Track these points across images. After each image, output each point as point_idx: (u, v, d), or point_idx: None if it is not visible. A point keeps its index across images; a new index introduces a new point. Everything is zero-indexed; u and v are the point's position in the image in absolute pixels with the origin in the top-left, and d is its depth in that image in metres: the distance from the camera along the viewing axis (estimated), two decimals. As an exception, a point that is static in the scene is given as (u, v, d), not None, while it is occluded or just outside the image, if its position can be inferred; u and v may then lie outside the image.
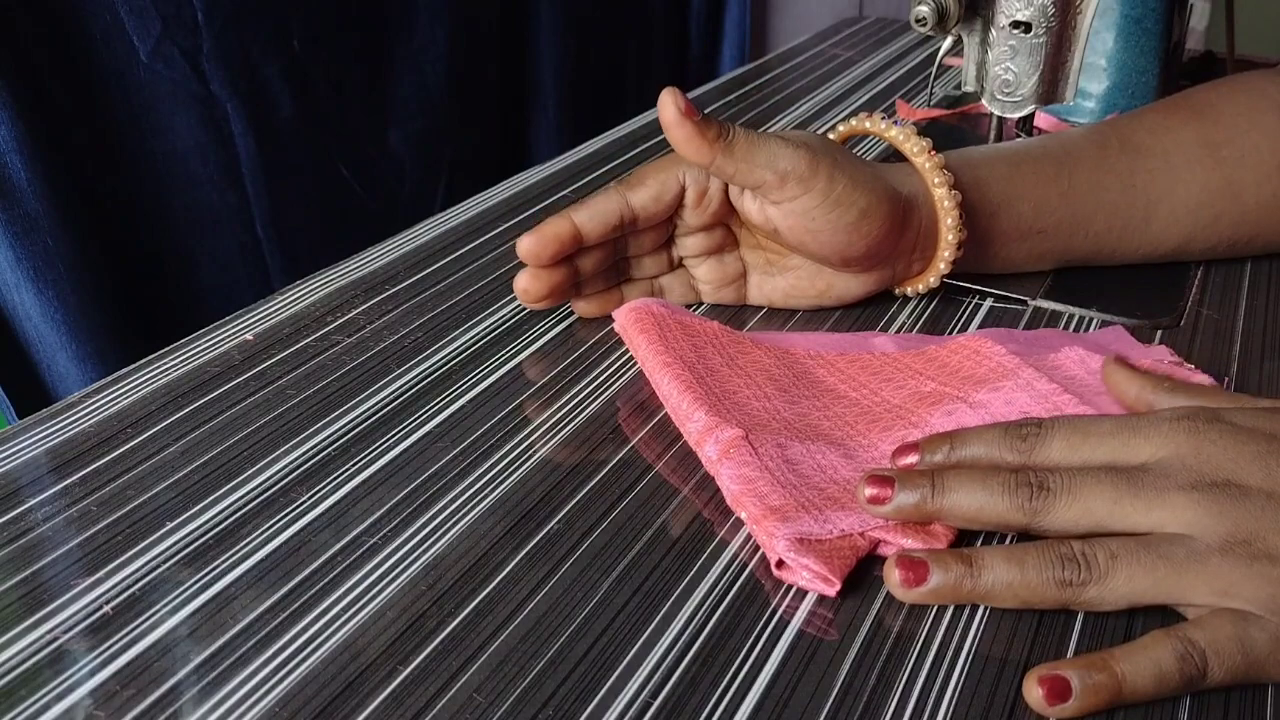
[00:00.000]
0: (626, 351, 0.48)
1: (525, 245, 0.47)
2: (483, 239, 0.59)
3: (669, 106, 0.44)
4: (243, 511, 0.38)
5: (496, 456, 0.41)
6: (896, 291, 0.51)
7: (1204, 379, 0.44)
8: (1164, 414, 0.35)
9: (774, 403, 0.42)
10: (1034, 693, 0.30)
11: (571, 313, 0.51)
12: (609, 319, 0.50)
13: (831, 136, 0.53)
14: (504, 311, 0.52)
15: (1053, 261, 0.52)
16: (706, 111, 0.45)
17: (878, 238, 0.46)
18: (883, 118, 0.49)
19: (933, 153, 0.48)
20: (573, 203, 0.48)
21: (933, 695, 0.31)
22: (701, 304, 0.52)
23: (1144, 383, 0.40)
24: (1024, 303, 0.52)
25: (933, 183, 0.47)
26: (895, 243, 0.48)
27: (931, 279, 0.50)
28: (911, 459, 0.37)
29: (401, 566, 0.35)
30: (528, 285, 0.48)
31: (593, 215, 0.47)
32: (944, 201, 0.47)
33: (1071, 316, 0.51)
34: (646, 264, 0.51)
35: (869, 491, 0.35)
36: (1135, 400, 0.40)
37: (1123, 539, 0.33)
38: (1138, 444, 0.34)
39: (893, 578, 0.34)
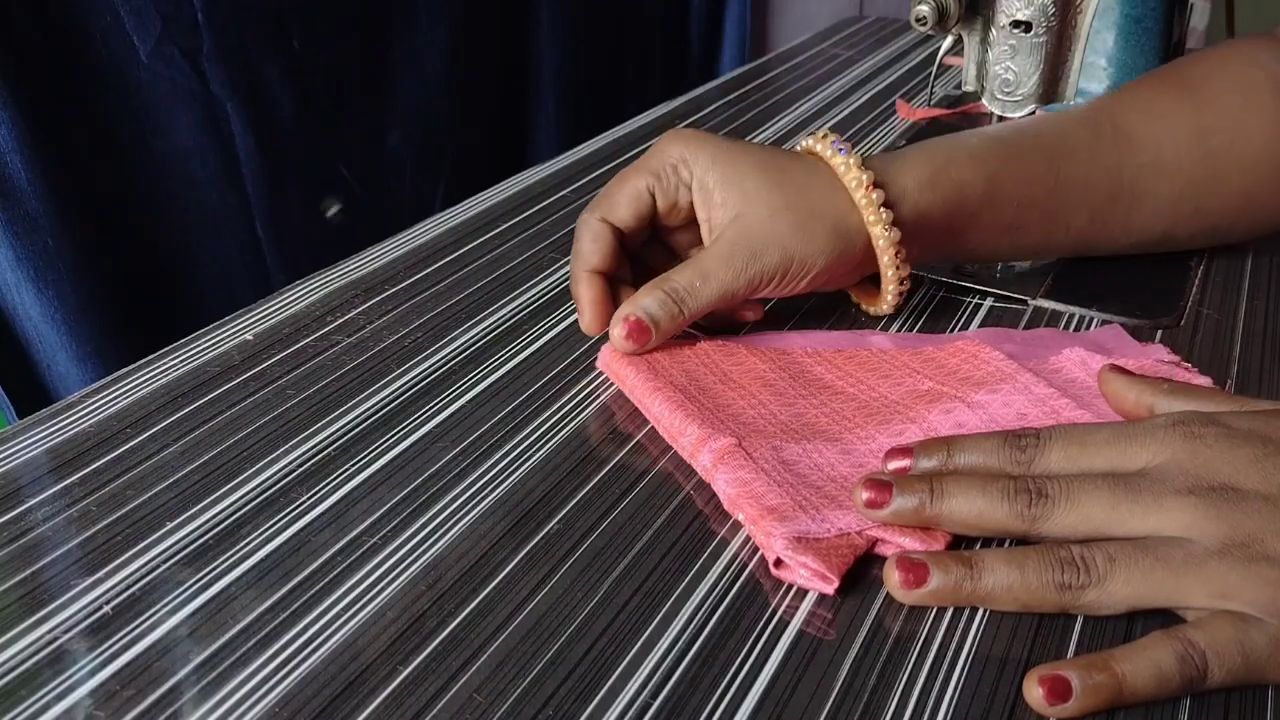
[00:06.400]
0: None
1: (587, 325, 0.47)
2: (483, 239, 0.59)
3: (617, 341, 0.45)
4: (243, 511, 0.38)
5: (496, 456, 0.41)
6: (867, 309, 0.51)
7: (1203, 380, 0.44)
8: (1159, 419, 0.35)
9: (769, 408, 0.42)
10: (1034, 692, 0.30)
11: (571, 313, 0.51)
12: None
13: None
14: (504, 311, 0.52)
15: (1032, 254, 0.53)
16: (708, 110, 0.45)
17: (840, 276, 0.47)
18: (832, 140, 0.46)
19: (871, 188, 0.45)
20: (571, 261, 0.48)
21: (933, 695, 0.31)
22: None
23: (1142, 387, 0.40)
24: (1024, 302, 0.52)
25: (868, 220, 0.45)
26: (858, 270, 0.48)
27: (884, 307, 0.49)
28: (904, 463, 0.37)
29: (401, 566, 0.35)
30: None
31: (601, 255, 0.47)
32: (879, 240, 0.46)
33: (1071, 316, 0.51)
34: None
35: (865, 496, 0.35)
36: (1135, 405, 0.40)
37: (1120, 542, 0.33)
38: (1135, 451, 0.35)
39: (892, 579, 0.34)
